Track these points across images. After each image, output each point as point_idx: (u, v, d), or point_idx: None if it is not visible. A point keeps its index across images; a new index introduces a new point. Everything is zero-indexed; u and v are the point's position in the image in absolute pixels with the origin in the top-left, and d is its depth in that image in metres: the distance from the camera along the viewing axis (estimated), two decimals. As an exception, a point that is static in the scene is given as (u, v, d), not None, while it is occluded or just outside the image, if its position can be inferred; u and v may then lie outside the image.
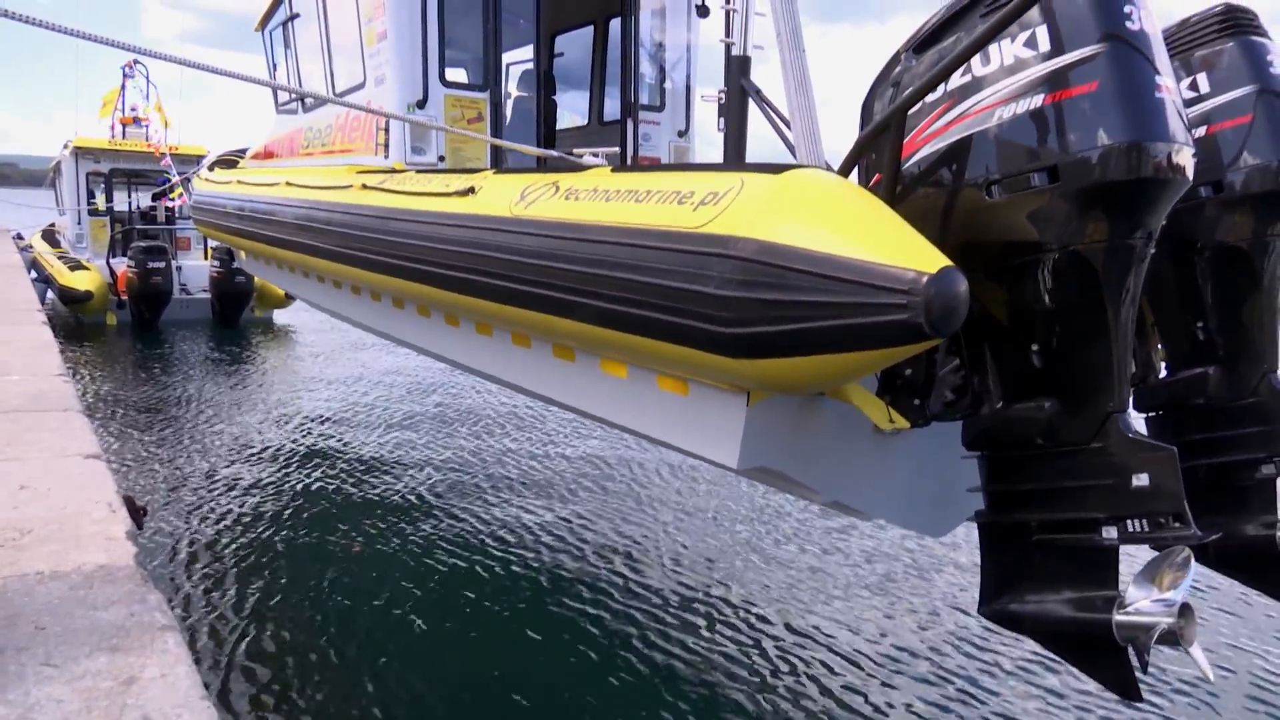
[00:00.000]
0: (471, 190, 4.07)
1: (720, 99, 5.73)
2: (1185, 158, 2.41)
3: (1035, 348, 2.53)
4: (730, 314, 2.49)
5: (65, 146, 18.02)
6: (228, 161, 11.07)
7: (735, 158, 4.97)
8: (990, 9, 2.49)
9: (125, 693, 1.91)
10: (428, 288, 4.46)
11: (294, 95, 8.29)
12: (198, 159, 18.48)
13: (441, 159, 6.36)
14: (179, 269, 16.72)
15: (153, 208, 17.92)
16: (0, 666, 1.97)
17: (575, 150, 4.07)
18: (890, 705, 4.46)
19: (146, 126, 18.54)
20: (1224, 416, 3.19)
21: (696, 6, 7.17)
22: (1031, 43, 2.40)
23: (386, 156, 6.48)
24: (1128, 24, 2.39)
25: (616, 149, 4.36)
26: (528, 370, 4.35)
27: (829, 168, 4.06)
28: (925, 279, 2.14)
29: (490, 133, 6.50)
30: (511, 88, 8.25)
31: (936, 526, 3.75)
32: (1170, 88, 2.41)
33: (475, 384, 10.76)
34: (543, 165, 4.83)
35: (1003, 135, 2.46)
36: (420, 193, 4.52)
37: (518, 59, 7.97)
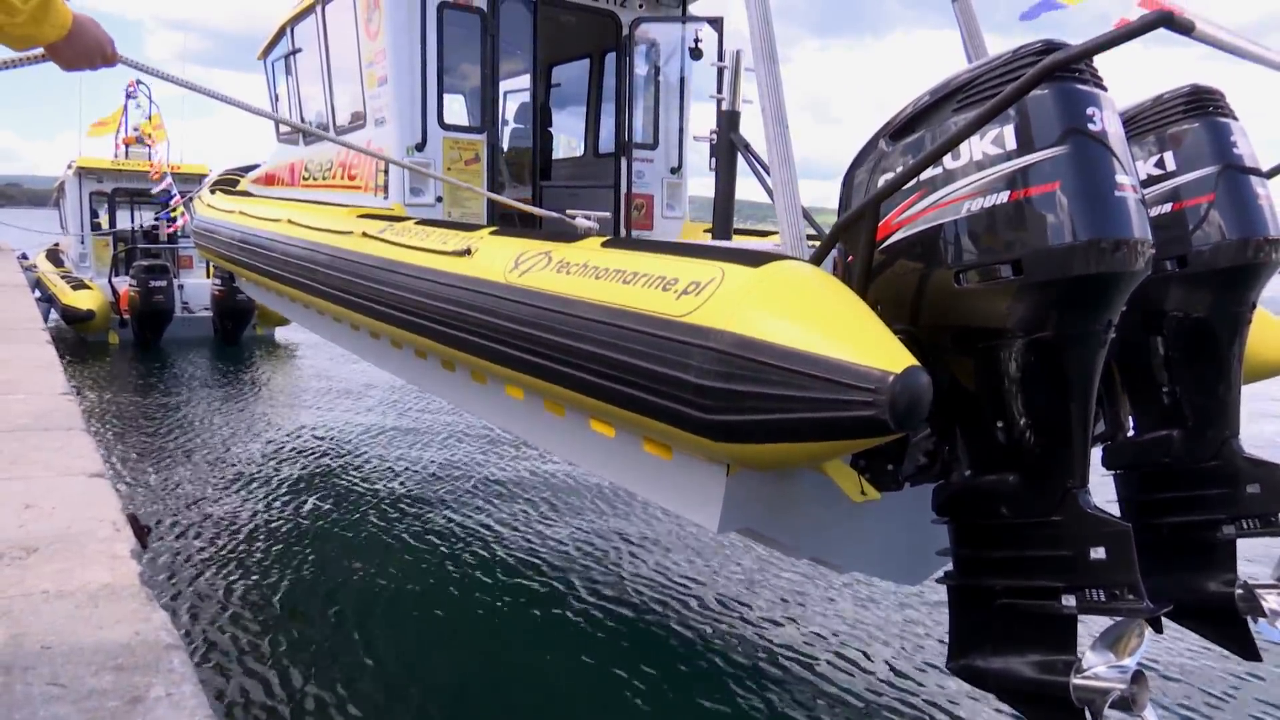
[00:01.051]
0: (468, 251, 4.21)
1: (712, 139, 5.84)
2: (1143, 251, 2.55)
3: (1000, 424, 2.65)
4: (708, 401, 2.67)
5: (69, 166, 18.11)
6: (228, 181, 11.15)
7: (724, 208, 5.28)
8: (962, 105, 2.61)
9: (131, 712, 1.91)
10: (424, 339, 4.62)
11: (300, 132, 8.35)
12: (200, 178, 18.61)
13: (439, 200, 6.55)
14: (181, 287, 16.75)
15: (155, 226, 17.97)
16: (7, 686, 1.98)
17: (569, 211, 4.24)
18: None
19: (150, 146, 18.64)
20: (1187, 478, 3.33)
21: (689, 49, 7.32)
22: (999, 141, 2.52)
23: (386, 197, 6.64)
24: (1090, 125, 2.50)
25: (608, 214, 4.51)
26: (520, 419, 4.49)
27: (816, 226, 4.17)
28: (890, 378, 2.30)
29: (487, 173, 6.70)
30: (509, 114, 8.40)
31: (911, 575, 3.89)
32: (1130, 185, 2.53)
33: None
34: (536, 221, 4.91)
35: (971, 227, 2.58)
36: (419, 248, 4.67)
37: (514, 87, 8.04)
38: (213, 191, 10.39)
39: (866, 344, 2.41)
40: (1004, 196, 2.50)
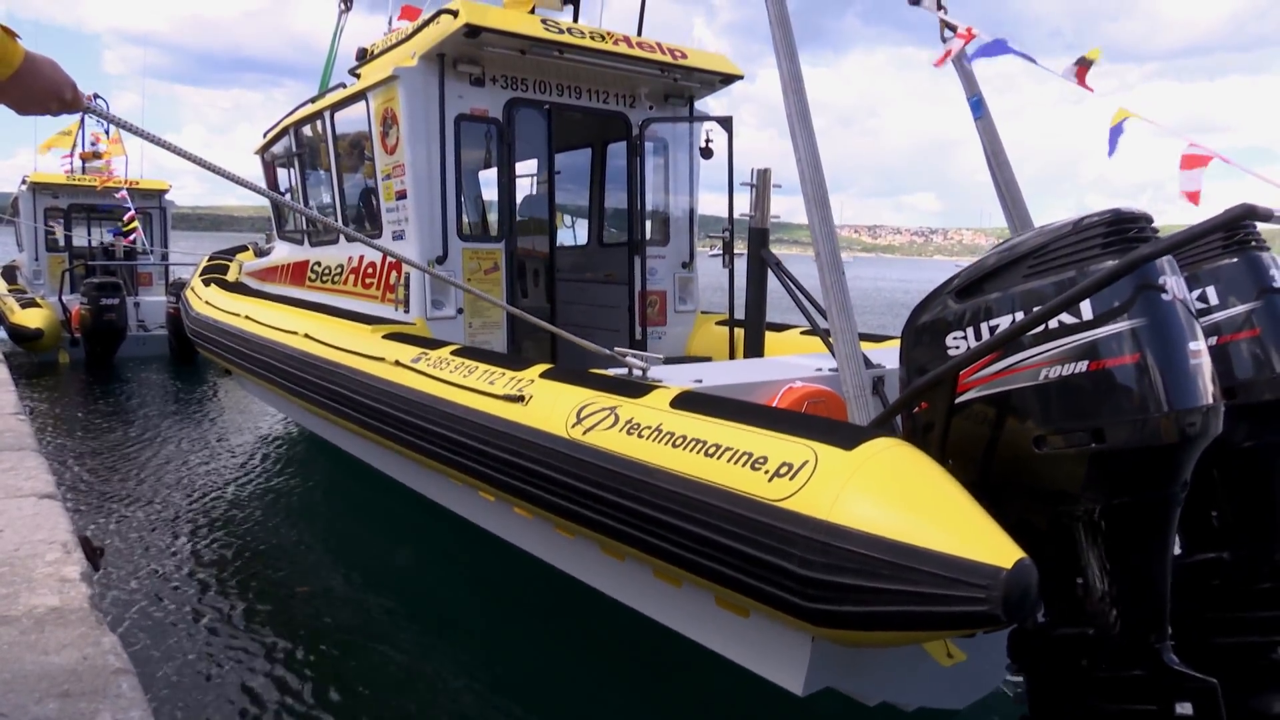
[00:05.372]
0: (521, 399, 4.19)
1: (724, 237, 5.99)
2: (1217, 414, 2.63)
3: (1079, 581, 2.68)
4: (812, 591, 2.67)
5: (22, 182, 17.79)
6: (217, 268, 11.09)
7: (755, 322, 5.47)
8: (1034, 271, 2.68)
9: (77, 739, 1.87)
10: (470, 479, 4.57)
11: (326, 229, 8.28)
12: (158, 194, 18.38)
13: (460, 311, 6.63)
14: (137, 305, 16.45)
15: (112, 244, 17.68)
16: (-53, 714, 1.92)
17: (617, 349, 4.30)
18: None
19: (108, 162, 18.38)
20: (1239, 599, 3.38)
21: (700, 149, 7.50)
22: (1074, 310, 2.57)
23: (408, 311, 6.68)
24: (1163, 296, 2.58)
25: (660, 356, 4.60)
26: (567, 555, 4.44)
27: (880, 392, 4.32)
28: (1003, 574, 2.34)
29: (505, 279, 6.82)
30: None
31: (964, 698, 3.92)
32: (1201, 351, 2.62)
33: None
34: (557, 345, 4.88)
35: (1049, 394, 2.61)
36: (461, 385, 4.67)
37: (516, 174, 8.26)
38: (206, 283, 10.27)
39: (974, 535, 2.45)
40: (1083, 366, 2.54)
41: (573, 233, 9.13)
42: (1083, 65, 4.39)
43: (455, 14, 6.17)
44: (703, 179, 7.97)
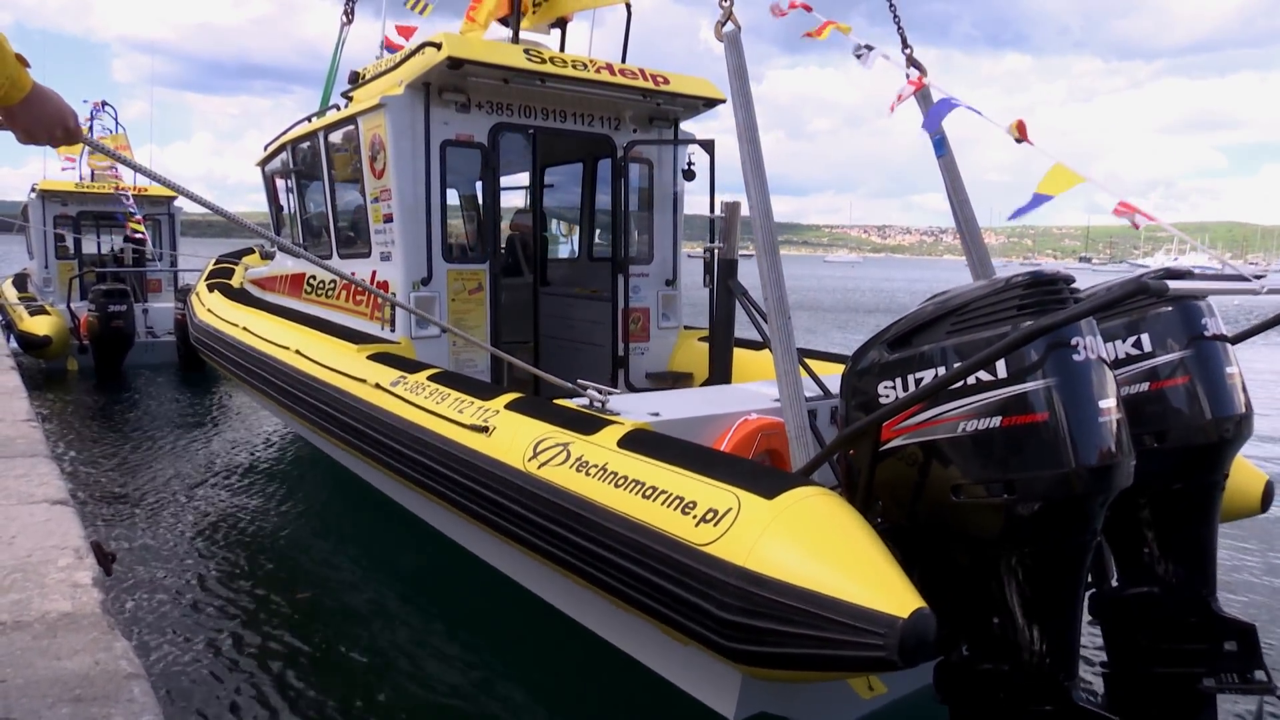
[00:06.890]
0: (486, 430, 4.42)
1: (705, 256, 6.18)
2: (1126, 467, 2.77)
3: (995, 620, 2.83)
4: (730, 632, 2.86)
5: (32, 190, 17.86)
6: (222, 271, 11.22)
7: (722, 352, 5.72)
8: (955, 329, 2.84)
9: (90, 743, 1.87)
10: (436, 499, 4.81)
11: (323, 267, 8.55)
12: (167, 200, 18.43)
13: (444, 331, 6.82)
14: (146, 311, 16.48)
15: (122, 250, 17.72)
16: (-39, 719, 1.93)
17: (579, 380, 4.46)
18: None
19: (115, 168, 18.42)
20: (1169, 632, 3.53)
21: (683, 170, 7.63)
22: (991, 370, 2.71)
23: (394, 330, 6.91)
24: (1074, 356, 2.71)
25: (616, 390, 4.82)
26: (529, 572, 4.62)
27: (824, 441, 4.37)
28: (899, 622, 2.49)
29: (489, 301, 7.02)
30: (504, 225, 8.73)
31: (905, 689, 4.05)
32: (1111, 408, 2.75)
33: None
34: (539, 379, 5.06)
35: (966, 446, 2.76)
36: (433, 413, 4.92)
37: (507, 185, 8.28)
38: (210, 289, 10.43)
39: (877, 585, 2.58)
40: (996, 421, 2.68)
41: (570, 243, 9.24)
42: (1022, 124, 4.66)
43: (438, 46, 6.34)
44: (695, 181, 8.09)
